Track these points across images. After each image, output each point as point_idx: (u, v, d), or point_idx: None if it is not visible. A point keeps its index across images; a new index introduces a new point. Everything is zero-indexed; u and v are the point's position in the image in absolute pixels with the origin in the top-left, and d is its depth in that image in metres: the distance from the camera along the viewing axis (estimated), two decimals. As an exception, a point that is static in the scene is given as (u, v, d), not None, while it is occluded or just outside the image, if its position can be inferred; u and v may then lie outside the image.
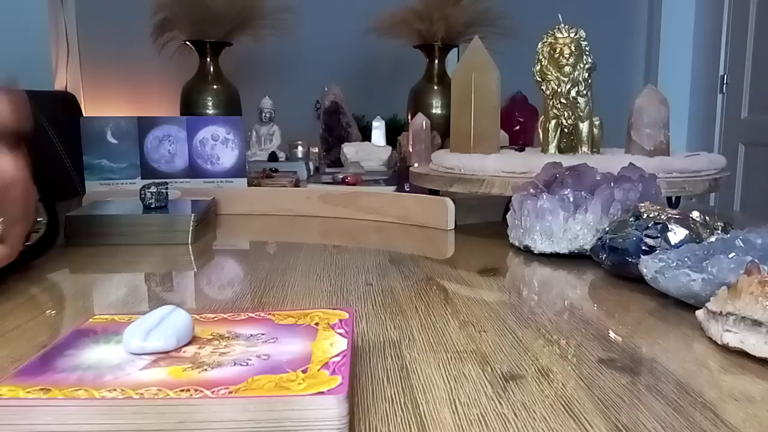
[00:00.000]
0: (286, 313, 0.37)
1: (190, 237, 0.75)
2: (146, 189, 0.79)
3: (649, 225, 0.54)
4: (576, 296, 0.54)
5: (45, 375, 0.29)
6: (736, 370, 0.36)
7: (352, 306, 0.49)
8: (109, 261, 0.67)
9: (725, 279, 0.42)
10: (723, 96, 2.63)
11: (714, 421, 0.30)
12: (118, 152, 1.00)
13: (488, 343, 0.40)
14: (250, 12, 1.67)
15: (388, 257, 0.67)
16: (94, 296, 0.56)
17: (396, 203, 0.89)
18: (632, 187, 0.63)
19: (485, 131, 0.89)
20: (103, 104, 2.41)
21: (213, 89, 1.68)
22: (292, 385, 0.27)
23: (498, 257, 0.67)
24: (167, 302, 0.48)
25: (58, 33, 2.25)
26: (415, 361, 0.37)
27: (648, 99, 0.84)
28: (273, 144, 1.62)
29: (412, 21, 1.70)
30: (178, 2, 1.62)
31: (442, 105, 1.71)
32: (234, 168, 1.03)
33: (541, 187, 0.66)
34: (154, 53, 1.74)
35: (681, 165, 0.78)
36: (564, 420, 0.30)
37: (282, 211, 0.95)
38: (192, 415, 0.26)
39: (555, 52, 0.84)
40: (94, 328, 0.35)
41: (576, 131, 0.87)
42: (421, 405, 0.32)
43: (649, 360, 0.38)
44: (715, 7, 2.64)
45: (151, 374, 0.29)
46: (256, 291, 0.54)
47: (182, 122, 1.02)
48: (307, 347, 0.32)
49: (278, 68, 2.43)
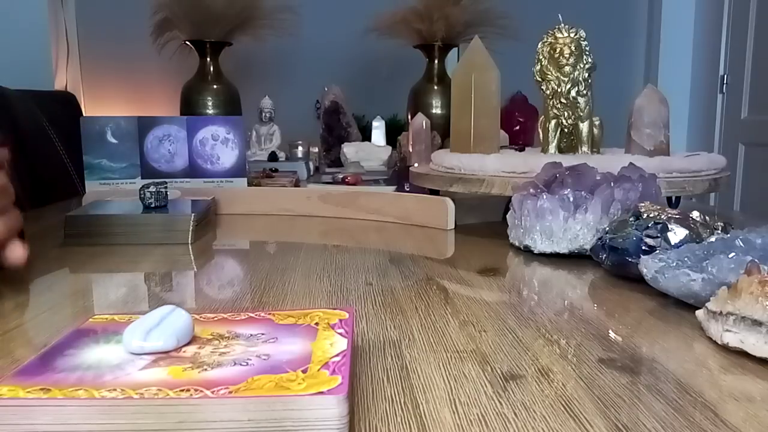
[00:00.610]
0: (286, 313, 0.37)
1: (190, 237, 0.75)
2: (146, 189, 0.79)
3: (649, 225, 0.54)
4: (576, 296, 0.54)
5: (45, 375, 0.29)
6: (736, 370, 0.36)
7: (352, 306, 0.49)
8: (109, 261, 0.67)
9: (725, 279, 0.42)
10: (723, 96, 2.63)
11: (714, 421, 0.30)
12: (118, 152, 1.00)
13: (488, 343, 0.40)
14: (250, 12, 1.67)
15: (388, 257, 0.67)
16: (94, 296, 0.56)
17: (396, 203, 0.89)
18: (632, 187, 0.63)
19: (485, 131, 0.89)
20: (103, 104, 2.41)
21: (213, 89, 1.68)
22: (292, 385, 0.27)
23: (498, 257, 0.67)
24: (167, 302, 0.48)
25: (58, 33, 2.25)
26: (415, 360, 0.37)
27: (648, 99, 0.84)
28: (273, 144, 1.62)
29: (412, 21, 1.70)
30: (178, 2, 1.62)
31: (442, 105, 1.71)
32: (234, 168, 1.03)
33: (541, 187, 0.66)
34: (154, 53, 1.74)
35: (681, 165, 0.78)
36: (564, 420, 0.30)
37: (282, 211, 0.95)
38: (192, 415, 0.26)
39: (555, 52, 0.84)
40: (94, 327, 0.35)
41: (576, 131, 0.87)
42: (421, 405, 0.32)
43: (649, 360, 0.38)
44: (715, 7, 2.64)
45: (151, 374, 0.29)
46: (256, 291, 0.54)
47: (182, 122, 1.02)
48: (307, 347, 0.32)
49: (278, 68, 2.43)
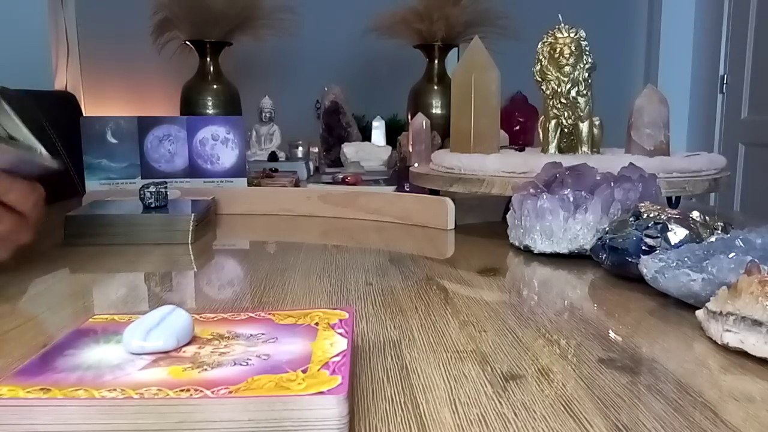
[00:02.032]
0: (286, 313, 0.37)
1: (190, 237, 0.75)
2: (146, 189, 0.79)
3: (649, 225, 0.54)
4: (576, 296, 0.54)
5: (45, 375, 0.29)
6: (736, 370, 0.36)
7: (352, 306, 0.49)
8: (109, 261, 0.67)
9: (725, 279, 0.42)
10: (723, 96, 2.63)
11: (714, 421, 0.30)
12: (118, 152, 1.00)
13: (488, 343, 0.40)
14: (250, 12, 1.67)
15: (388, 257, 0.67)
16: (94, 296, 0.56)
17: (396, 203, 0.89)
18: (632, 187, 0.63)
19: (485, 131, 0.89)
20: (103, 104, 2.41)
21: (213, 89, 1.68)
22: (292, 385, 0.27)
23: (498, 257, 0.67)
24: (167, 302, 0.48)
25: (58, 33, 2.25)
26: (415, 360, 0.37)
27: (648, 99, 0.84)
28: (273, 144, 1.62)
29: (412, 21, 1.70)
30: (178, 2, 1.62)
31: (442, 105, 1.71)
32: (234, 168, 1.03)
33: (541, 187, 0.66)
34: (154, 53, 1.74)
35: (681, 165, 0.78)
36: (564, 420, 0.30)
37: (282, 211, 0.95)
38: (192, 415, 0.26)
39: (555, 52, 0.84)
40: (94, 327, 0.35)
41: (576, 131, 0.87)
42: (421, 405, 0.32)
43: (649, 360, 0.38)
44: (715, 7, 2.64)
45: (151, 374, 0.29)
46: (256, 291, 0.54)
47: (182, 122, 1.02)
48: (307, 347, 0.32)
49: (278, 68, 2.43)
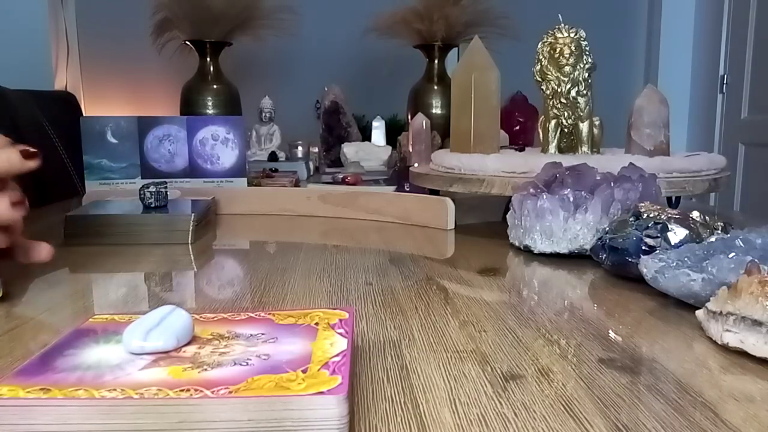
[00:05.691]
0: (286, 313, 0.37)
1: (190, 237, 0.75)
2: (146, 189, 0.79)
3: (649, 225, 0.54)
4: (576, 296, 0.54)
5: (45, 375, 0.29)
6: (736, 370, 0.36)
7: (352, 306, 0.49)
8: (109, 261, 0.67)
9: (725, 279, 0.42)
10: (723, 96, 2.63)
11: (714, 421, 0.30)
12: (118, 152, 1.00)
13: (488, 343, 0.40)
14: (250, 12, 1.67)
15: (388, 257, 0.67)
16: (94, 296, 0.56)
17: (396, 203, 0.89)
18: (632, 187, 0.63)
19: (485, 131, 0.89)
20: (103, 104, 2.41)
21: (213, 89, 1.68)
22: (292, 385, 0.27)
23: (498, 257, 0.67)
24: (167, 302, 0.48)
25: (58, 33, 2.25)
26: (415, 360, 0.37)
27: (648, 99, 0.84)
28: (273, 144, 1.62)
29: (412, 21, 1.70)
30: (178, 2, 1.62)
31: (442, 105, 1.71)
32: (234, 168, 1.03)
33: (541, 187, 0.66)
34: (154, 53, 1.74)
35: (681, 165, 0.78)
36: (564, 420, 0.30)
37: (282, 211, 0.95)
38: (192, 415, 0.26)
39: (555, 52, 0.84)
40: (94, 327, 0.35)
41: (576, 131, 0.87)
42: (421, 405, 0.32)
43: (649, 360, 0.38)
44: (715, 7, 2.64)
45: (151, 374, 0.29)
46: (256, 291, 0.54)
47: (182, 122, 1.02)
48: (307, 347, 0.32)
49: (278, 68, 2.43)
